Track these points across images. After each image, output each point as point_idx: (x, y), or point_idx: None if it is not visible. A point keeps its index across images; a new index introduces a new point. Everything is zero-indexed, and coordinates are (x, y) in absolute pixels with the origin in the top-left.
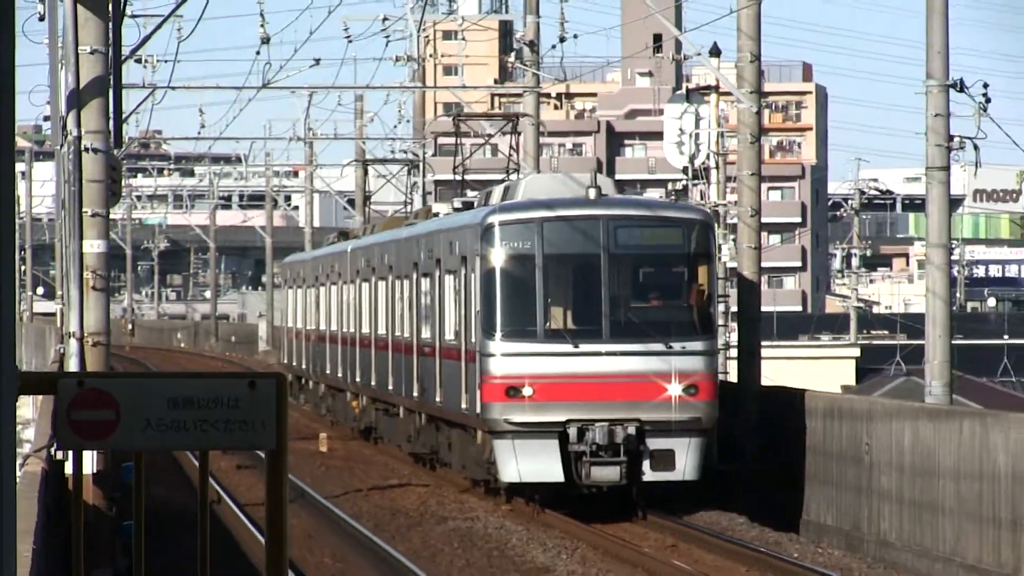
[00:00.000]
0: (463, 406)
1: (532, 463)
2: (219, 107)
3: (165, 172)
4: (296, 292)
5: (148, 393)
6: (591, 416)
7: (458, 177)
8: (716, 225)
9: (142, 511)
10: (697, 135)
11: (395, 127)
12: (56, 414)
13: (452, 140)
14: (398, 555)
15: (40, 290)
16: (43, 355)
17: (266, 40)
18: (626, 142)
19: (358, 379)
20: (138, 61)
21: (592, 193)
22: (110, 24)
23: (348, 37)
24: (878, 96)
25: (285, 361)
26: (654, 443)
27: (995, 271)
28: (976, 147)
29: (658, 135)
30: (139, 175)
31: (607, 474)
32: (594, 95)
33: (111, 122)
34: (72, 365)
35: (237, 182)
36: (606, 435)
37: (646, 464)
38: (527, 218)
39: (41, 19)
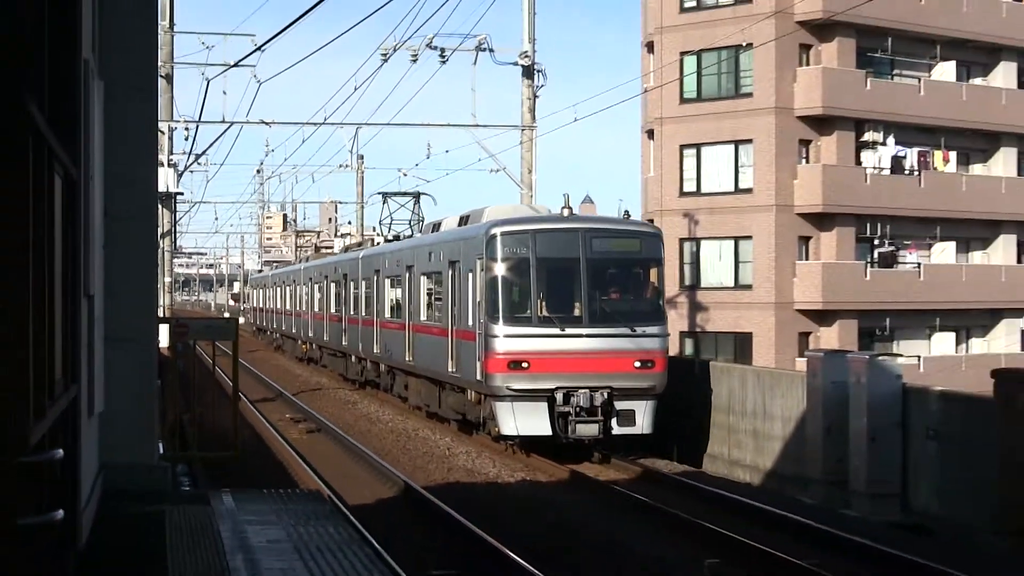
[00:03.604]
0: (450, 370)
1: (527, 420)
2: (204, 237)
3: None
4: (260, 291)
5: (196, 323)
6: (574, 384)
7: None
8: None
9: (194, 361)
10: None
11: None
12: (169, 328)
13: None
14: (262, 375)
15: None
16: None
17: (216, 219)
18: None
19: (310, 335)
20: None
21: (566, 212)
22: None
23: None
24: None
25: (253, 322)
26: (620, 405)
27: None
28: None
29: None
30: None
31: (589, 430)
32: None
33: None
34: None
35: (206, 258)
36: (588, 399)
37: (614, 421)
38: (523, 230)
39: None
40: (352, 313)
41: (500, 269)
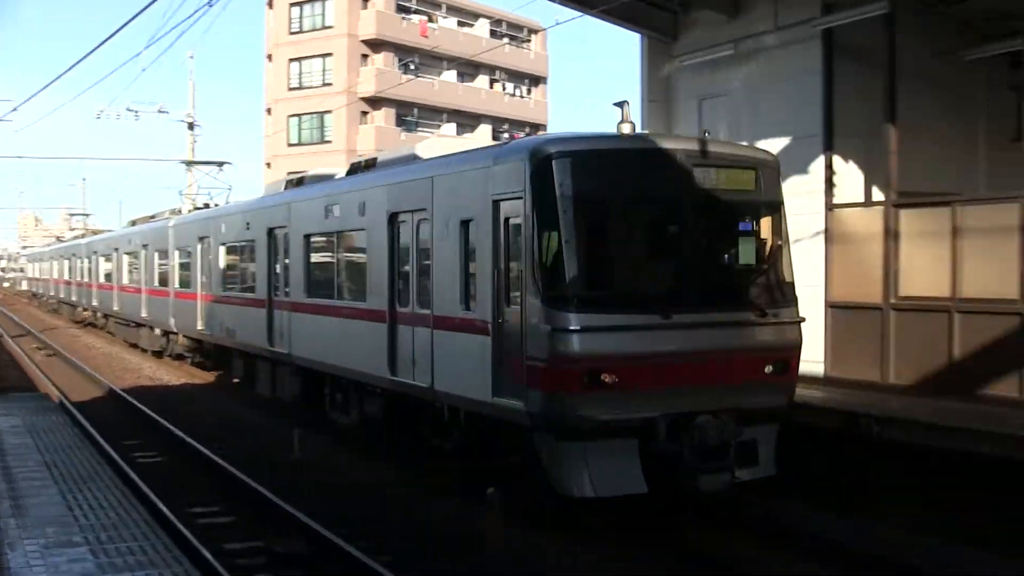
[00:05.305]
0: (404, 377)
1: (608, 472)
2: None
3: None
4: (37, 264)
5: None
6: (687, 407)
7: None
8: None
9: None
10: None
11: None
12: None
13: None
14: (19, 320)
15: None
16: None
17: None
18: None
19: (94, 303)
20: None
21: (626, 128)
22: None
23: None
24: None
25: (29, 289)
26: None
27: None
28: None
29: None
30: None
31: (719, 481)
32: None
33: None
34: None
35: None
36: (718, 432)
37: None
38: (594, 149)
39: None
40: (157, 284)
41: (562, 216)
